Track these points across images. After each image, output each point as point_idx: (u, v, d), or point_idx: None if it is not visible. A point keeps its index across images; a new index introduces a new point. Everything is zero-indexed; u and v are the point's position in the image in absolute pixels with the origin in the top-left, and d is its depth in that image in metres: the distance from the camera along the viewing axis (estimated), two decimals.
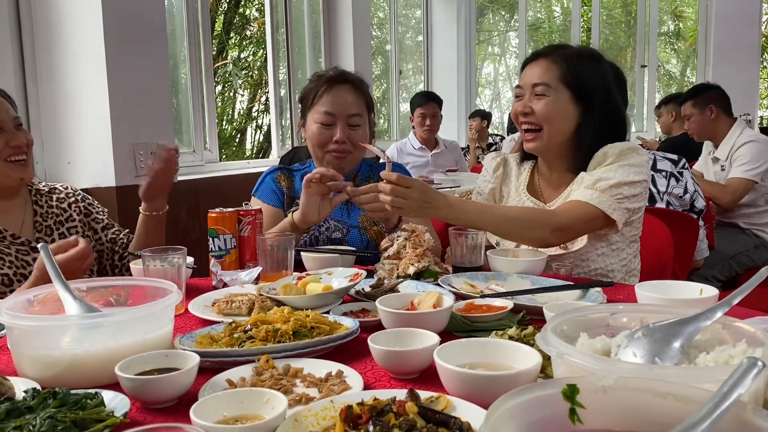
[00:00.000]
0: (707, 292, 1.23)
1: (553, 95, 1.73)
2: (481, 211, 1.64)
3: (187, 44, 3.68)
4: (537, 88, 1.74)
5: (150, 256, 1.39)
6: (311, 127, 2.00)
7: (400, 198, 1.54)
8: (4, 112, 1.74)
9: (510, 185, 1.95)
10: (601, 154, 1.72)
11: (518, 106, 1.78)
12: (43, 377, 0.99)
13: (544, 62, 1.76)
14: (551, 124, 1.74)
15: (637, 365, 0.82)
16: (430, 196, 1.58)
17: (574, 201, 1.68)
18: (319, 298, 1.34)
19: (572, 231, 1.67)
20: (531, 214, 1.70)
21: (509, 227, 1.65)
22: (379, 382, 0.99)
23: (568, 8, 8.64)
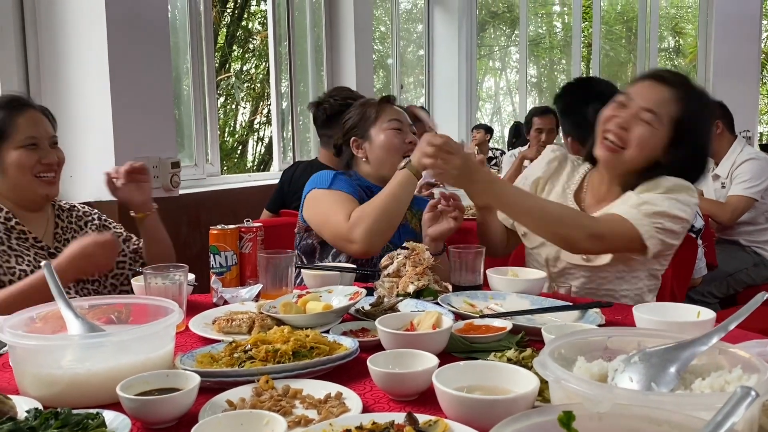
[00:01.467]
0: (704, 315, 1.24)
1: (656, 128, 1.66)
2: (521, 196, 1.62)
3: (190, 57, 3.71)
4: (646, 114, 1.66)
5: (152, 274, 1.40)
6: (380, 136, 2.06)
7: (442, 161, 1.54)
8: (43, 129, 1.83)
9: (558, 183, 1.91)
10: (654, 182, 1.68)
11: (617, 115, 1.69)
12: (45, 396, 0.99)
13: (666, 91, 1.68)
14: (637, 152, 1.68)
15: (633, 392, 0.83)
16: (472, 168, 1.56)
17: (615, 214, 1.63)
18: (319, 317, 1.34)
19: (606, 242, 1.63)
20: (571, 212, 1.67)
21: (545, 220, 1.61)
22: (378, 404, 1.00)
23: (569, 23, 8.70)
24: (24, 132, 1.78)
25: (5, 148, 1.77)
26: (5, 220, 1.78)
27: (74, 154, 2.82)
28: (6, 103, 1.80)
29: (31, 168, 1.79)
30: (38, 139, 1.80)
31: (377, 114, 2.09)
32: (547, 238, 1.71)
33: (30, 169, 1.79)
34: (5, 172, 1.79)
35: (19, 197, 1.82)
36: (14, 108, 1.79)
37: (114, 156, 2.79)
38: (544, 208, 1.63)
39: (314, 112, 2.99)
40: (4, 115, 1.78)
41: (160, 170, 3.01)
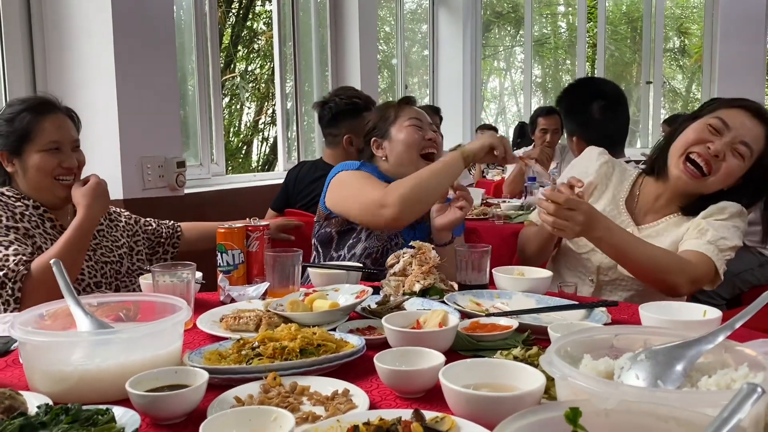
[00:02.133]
0: (710, 314, 1.24)
1: (746, 162, 1.68)
2: (634, 246, 1.62)
3: (195, 57, 3.73)
4: (742, 147, 1.67)
5: (160, 272, 1.41)
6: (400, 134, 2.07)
7: (563, 220, 1.55)
8: (66, 132, 1.88)
9: (608, 189, 1.91)
10: (720, 207, 1.71)
11: (711, 141, 1.68)
12: (55, 392, 1.00)
13: (761, 127, 1.69)
14: (722, 182, 1.70)
15: (640, 389, 0.83)
16: (595, 220, 1.57)
17: (700, 253, 1.65)
18: (326, 315, 1.35)
19: (699, 283, 1.66)
20: (674, 258, 1.65)
21: (653, 268, 1.62)
22: (384, 401, 1.00)
23: (574, 24, 8.70)
24: (48, 136, 1.83)
25: (28, 150, 1.83)
26: (34, 208, 1.85)
27: None
28: (34, 106, 1.85)
29: (51, 171, 1.84)
30: (61, 143, 1.85)
31: (396, 114, 2.11)
32: (649, 283, 1.71)
33: (50, 172, 1.84)
34: (26, 172, 1.84)
35: (39, 197, 1.87)
36: (41, 111, 1.84)
37: (120, 155, 2.81)
38: (653, 257, 1.63)
39: (319, 111, 3.00)
40: (30, 117, 1.82)
41: (166, 169, 3.03)
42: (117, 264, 1.98)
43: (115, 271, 1.96)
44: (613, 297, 1.82)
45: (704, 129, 1.69)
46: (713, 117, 1.70)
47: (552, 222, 1.55)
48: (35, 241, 1.80)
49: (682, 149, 1.72)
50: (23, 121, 1.82)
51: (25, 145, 1.82)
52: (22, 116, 1.82)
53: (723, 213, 1.70)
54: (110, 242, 2.00)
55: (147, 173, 2.94)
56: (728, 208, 1.70)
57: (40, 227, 1.83)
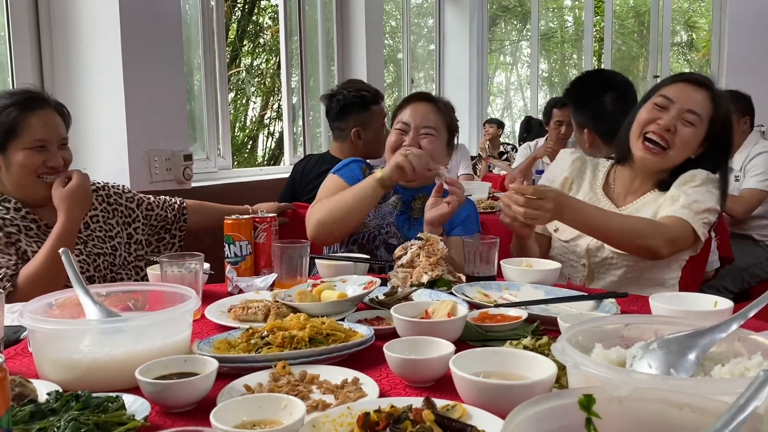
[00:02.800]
0: (722, 305, 1.23)
1: (698, 128, 1.77)
2: (606, 218, 1.69)
3: (201, 52, 3.72)
4: (689, 116, 1.76)
5: (168, 262, 1.41)
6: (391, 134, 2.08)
7: (533, 210, 1.58)
8: (53, 130, 1.82)
9: (584, 180, 1.99)
10: (690, 175, 1.78)
11: (659, 117, 1.77)
12: (64, 380, 1.00)
13: (704, 93, 1.78)
14: (682, 151, 1.78)
15: (653, 376, 0.83)
16: (564, 204, 1.62)
17: (674, 216, 1.71)
18: (334, 306, 1.35)
19: (678, 244, 1.71)
20: (647, 223, 1.72)
21: (628, 236, 1.68)
22: (394, 390, 1.00)
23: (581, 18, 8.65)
24: (34, 133, 1.78)
25: (13, 146, 1.78)
26: (15, 210, 1.80)
27: (88, 146, 2.85)
28: (22, 101, 1.79)
29: (35, 169, 1.79)
30: (47, 141, 1.80)
31: (397, 110, 2.11)
32: (630, 251, 1.77)
33: (34, 170, 1.79)
34: (9, 169, 1.80)
35: (22, 195, 1.83)
36: (28, 107, 1.79)
37: (127, 148, 2.81)
38: (627, 225, 1.70)
39: (327, 104, 2.99)
40: (17, 113, 1.77)
41: (173, 163, 3.03)
42: (110, 256, 1.93)
43: (109, 263, 1.92)
44: (608, 276, 1.87)
45: (652, 108, 1.80)
46: (657, 96, 1.81)
47: (523, 213, 1.59)
48: (20, 247, 1.76)
49: (638, 131, 1.82)
50: (9, 117, 1.76)
51: (10, 142, 1.77)
52: (9, 111, 1.77)
53: (694, 180, 1.77)
54: (103, 232, 1.95)
55: (154, 166, 2.94)
56: (698, 175, 1.77)
57: (23, 231, 1.79)
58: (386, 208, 2.07)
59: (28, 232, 1.80)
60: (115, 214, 2.01)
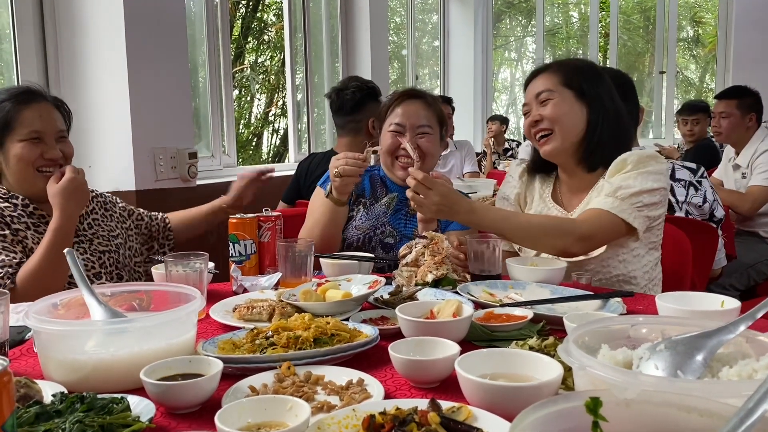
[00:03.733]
0: (729, 304, 1.22)
1: (557, 97, 1.78)
2: (505, 219, 1.66)
3: (206, 49, 3.72)
4: (541, 96, 1.80)
5: (172, 262, 1.41)
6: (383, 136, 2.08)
7: (420, 196, 1.60)
8: (49, 122, 1.81)
9: (534, 192, 1.97)
10: (620, 161, 1.73)
11: (528, 120, 1.84)
12: (69, 381, 1.00)
13: (542, 76, 1.84)
14: (561, 124, 1.78)
15: (661, 378, 0.82)
16: (452, 200, 1.61)
17: (595, 210, 1.68)
18: (339, 305, 1.34)
19: (595, 240, 1.67)
20: (554, 222, 1.71)
21: (532, 236, 1.66)
22: (399, 391, 1.00)
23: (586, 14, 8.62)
24: (29, 125, 1.77)
25: (10, 140, 1.77)
26: (23, 207, 1.80)
27: (93, 144, 2.85)
28: (16, 95, 1.79)
29: (33, 162, 1.78)
30: (42, 134, 1.79)
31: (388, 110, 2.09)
32: (539, 250, 1.75)
33: (32, 162, 1.78)
34: (9, 164, 1.79)
35: (24, 190, 1.82)
36: (23, 100, 1.78)
37: (132, 146, 2.81)
38: (527, 224, 1.67)
39: (337, 99, 2.97)
40: (11, 106, 1.77)
41: (178, 161, 3.03)
42: (115, 253, 1.93)
43: (114, 260, 1.91)
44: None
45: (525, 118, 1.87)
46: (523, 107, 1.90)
47: (411, 197, 1.62)
48: (26, 244, 1.75)
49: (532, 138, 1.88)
50: (3, 110, 1.76)
51: (7, 135, 1.77)
52: (3, 105, 1.76)
53: (625, 166, 1.72)
54: (106, 231, 1.95)
55: (159, 164, 2.94)
56: (628, 159, 1.72)
57: (31, 228, 1.78)
58: (379, 208, 2.07)
59: (36, 229, 1.79)
60: (113, 218, 2.02)
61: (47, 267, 1.67)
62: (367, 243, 2.04)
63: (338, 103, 2.99)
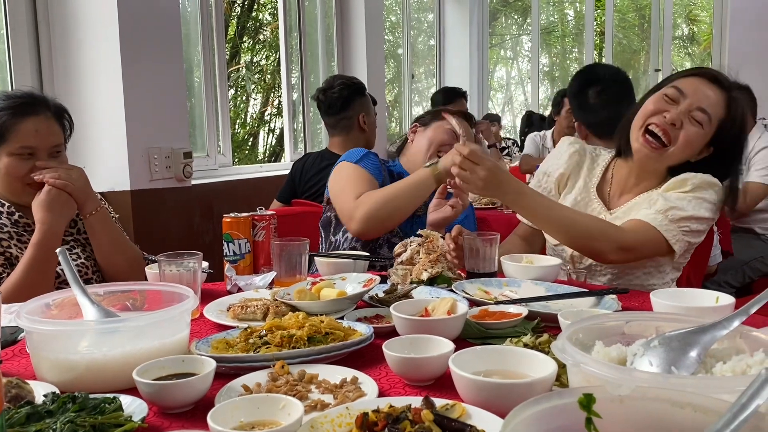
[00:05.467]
0: (723, 301, 1.22)
1: (706, 129, 1.65)
2: (550, 208, 1.62)
3: (201, 48, 3.71)
4: (698, 114, 1.64)
5: (166, 261, 1.40)
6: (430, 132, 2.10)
7: (466, 172, 1.55)
8: (44, 138, 1.74)
9: (579, 177, 1.89)
10: (681, 179, 1.67)
11: (666, 110, 1.66)
12: (62, 381, 1.00)
13: (720, 93, 1.67)
14: (682, 151, 1.67)
15: (654, 375, 0.82)
16: (500, 179, 1.56)
17: (642, 222, 1.62)
18: (334, 304, 1.34)
19: (635, 253, 1.63)
20: (599, 225, 1.64)
21: (573, 232, 1.62)
22: (393, 389, 0.99)
23: (581, 12, 8.62)
24: (22, 140, 1.71)
25: (1, 150, 1.71)
26: (8, 215, 1.75)
27: (87, 144, 2.84)
28: (17, 105, 1.72)
29: (21, 177, 1.72)
30: (36, 149, 1.73)
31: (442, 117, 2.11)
32: (575, 248, 1.71)
33: (20, 178, 1.72)
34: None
35: (13, 199, 1.77)
36: (21, 112, 1.72)
37: (127, 146, 2.80)
38: (572, 221, 1.62)
39: (325, 98, 3.00)
40: (7, 117, 1.70)
41: (173, 160, 3.02)
42: None
43: None
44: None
45: (660, 99, 1.68)
46: (670, 87, 1.68)
47: (457, 173, 1.57)
48: (10, 254, 1.70)
49: (641, 121, 1.70)
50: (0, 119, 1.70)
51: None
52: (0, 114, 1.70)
53: (684, 185, 1.65)
54: None
55: (154, 164, 2.93)
56: (690, 180, 1.65)
57: (15, 237, 1.73)
58: None
59: (20, 239, 1.74)
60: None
61: (29, 283, 1.61)
62: (375, 240, 2.03)
63: (327, 103, 3.00)
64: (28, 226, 1.77)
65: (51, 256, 1.65)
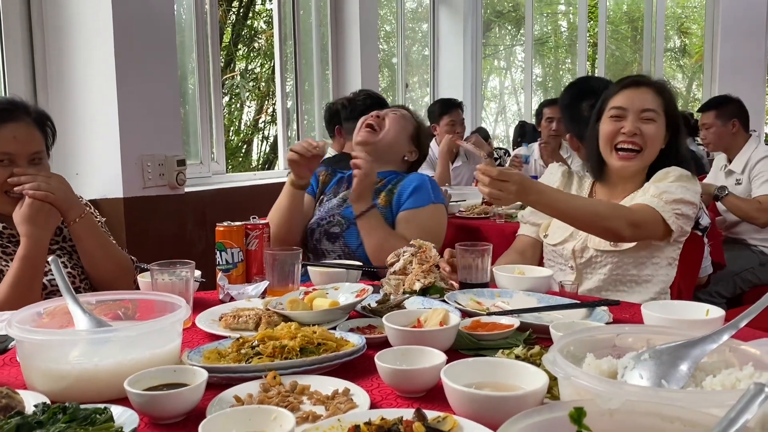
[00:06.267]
0: (713, 313, 1.23)
1: (659, 121, 1.87)
2: (566, 201, 1.75)
3: (195, 56, 3.71)
4: (646, 113, 1.86)
5: (158, 270, 1.40)
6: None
7: (498, 191, 1.64)
8: (23, 144, 1.70)
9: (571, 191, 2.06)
10: (663, 172, 1.86)
11: (623, 126, 1.87)
12: (52, 391, 0.99)
13: (649, 90, 1.90)
14: (652, 148, 1.88)
15: (644, 388, 0.82)
16: (525, 187, 1.67)
17: (643, 204, 1.78)
18: (326, 314, 1.34)
19: (642, 229, 1.76)
20: (610, 206, 1.79)
21: (590, 218, 1.74)
22: (385, 401, 0.99)
23: (575, 23, 8.68)
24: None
25: None
26: None
27: (81, 151, 2.83)
28: None
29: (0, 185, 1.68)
30: (14, 156, 1.68)
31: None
32: (594, 233, 1.83)
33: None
34: None
35: None
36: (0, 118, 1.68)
37: (120, 153, 2.80)
38: (588, 206, 1.76)
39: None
40: None
41: (166, 168, 3.01)
42: None
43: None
44: (595, 276, 1.91)
45: (611, 121, 1.90)
46: (611, 109, 1.91)
47: (488, 193, 1.65)
48: None
49: (608, 145, 1.91)
50: None
51: None
52: None
53: (667, 176, 1.84)
54: None
55: (147, 171, 2.92)
56: (671, 172, 1.85)
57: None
58: (334, 201, 2.22)
59: (4, 250, 1.70)
60: None
61: (16, 296, 1.57)
62: (311, 236, 2.17)
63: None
64: (13, 237, 1.72)
65: (38, 269, 1.62)
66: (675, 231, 1.78)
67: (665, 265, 1.89)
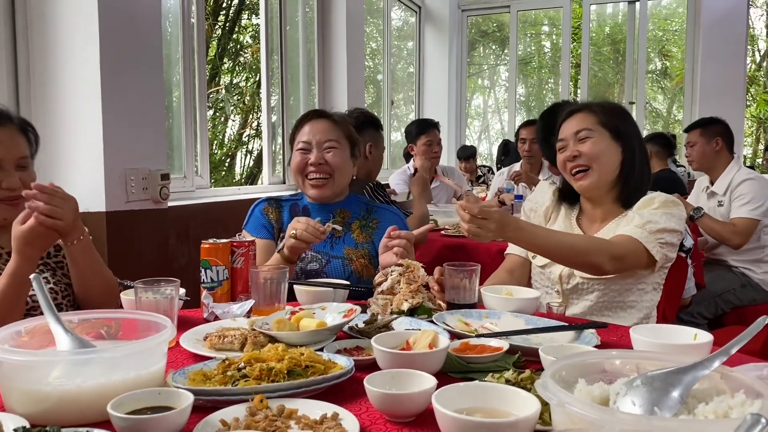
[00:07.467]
0: (701, 338, 1.23)
1: (596, 136, 1.90)
2: (546, 237, 1.75)
3: (181, 69, 3.69)
4: (580, 134, 1.91)
5: (142, 288, 1.38)
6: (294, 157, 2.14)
7: (478, 228, 1.64)
8: (8, 149, 1.67)
9: (561, 211, 2.09)
10: (648, 199, 1.88)
11: (565, 155, 1.94)
12: (32, 413, 0.97)
13: (580, 115, 1.95)
14: (598, 161, 1.90)
15: (638, 417, 0.82)
16: (504, 223, 1.67)
17: (626, 235, 1.79)
18: (313, 335, 1.32)
19: (625, 261, 1.77)
20: (591, 241, 1.81)
21: (571, 253, 1.74)
22: (374, 425, 0.98)
23: (558, 44, 8.79)
24: None
25: None
26: None
27: (63, 163, 2.79)
28: None
29: None
30: (1, 161, 1.65)
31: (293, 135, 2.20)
32: (575, 267, 1.85)
33: None
34: None
35: None
36: None
37: (103, 167, 2.76)
38: (568, 243, 1.76)
39: None
40: None
41: (150, 182, 2.98)
42: None
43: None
44: (581, 302, 1.92)
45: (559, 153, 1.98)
46: (558, 142, 2.00)
47: (467, 229, 1.66)
48: None
49: (565, 173, 1.99)
50: None
51: None
52: None
53: (652, 203, 1.86)
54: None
55: (131, 185, 2.89)
56: (656, 198, 1.87)
57: None
58: None
59: None
60: None
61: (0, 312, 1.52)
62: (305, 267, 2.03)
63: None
64: (1, 248, 1.69)
65: (25, 285, 1.57)
66: (659, 260, 1.80)
67: (650, 290, 1.91)
